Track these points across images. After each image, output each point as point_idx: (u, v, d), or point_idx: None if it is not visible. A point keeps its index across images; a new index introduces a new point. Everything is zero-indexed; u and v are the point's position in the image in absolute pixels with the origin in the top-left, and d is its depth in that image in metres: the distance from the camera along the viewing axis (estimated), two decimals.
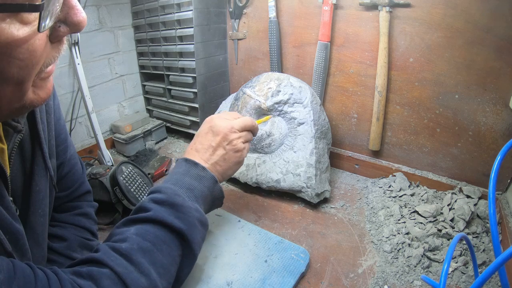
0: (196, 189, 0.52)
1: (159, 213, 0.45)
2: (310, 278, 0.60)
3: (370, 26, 0.83)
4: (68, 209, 0.57)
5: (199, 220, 0.49)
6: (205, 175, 0.55)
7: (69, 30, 0.31)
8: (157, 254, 0.42)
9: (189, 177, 0.53)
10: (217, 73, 1.15)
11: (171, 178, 0.53)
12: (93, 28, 1.08)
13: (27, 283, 0.32)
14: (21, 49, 0.27)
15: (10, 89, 0.29)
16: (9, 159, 0.40)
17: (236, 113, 0.65)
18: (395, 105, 0.86)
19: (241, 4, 1.04)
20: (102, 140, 1.00)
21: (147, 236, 0.43)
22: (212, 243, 0.65)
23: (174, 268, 0.45)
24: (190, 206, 0.48)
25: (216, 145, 0.58)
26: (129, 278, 0.38)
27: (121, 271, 0.38)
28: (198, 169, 0.55)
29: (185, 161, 0.56)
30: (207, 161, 0.58)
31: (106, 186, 0.77)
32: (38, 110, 0.44)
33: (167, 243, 0.44)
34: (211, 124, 0.60)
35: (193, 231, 0.47)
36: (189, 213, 0.47)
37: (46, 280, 0.34)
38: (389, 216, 0.75)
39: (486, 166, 0.78)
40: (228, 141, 0.59)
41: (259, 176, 0.84)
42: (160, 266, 0.42)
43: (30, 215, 0.43)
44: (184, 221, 0.46)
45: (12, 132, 0.40)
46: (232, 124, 0.60)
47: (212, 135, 0.59)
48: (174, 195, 0.48)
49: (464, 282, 0.59)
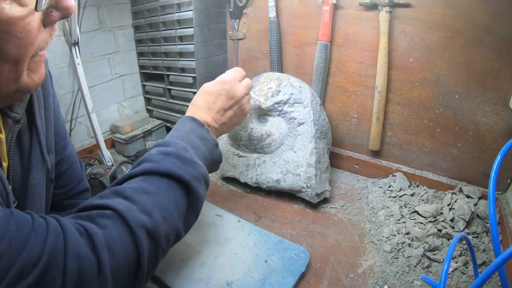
0: (199, 149, 0.52)
1: (166, 164, 0.44)
2: (310, 278, 0.60)
3: (370, 26, 0.82)
4: (67, 206, 0.58)
5: (204, 176, 0.48)
6: (208, 137, 0.54)
7: (60, 15, 0.35)
8: (161, 197, 0.41)
9: (194, 136, 0.53)
10: (217, 73, 1.14)
11: (177, 134, 0.52)
12: (93, 28, 1.08)
13: (24, 220, 0.32)
14: (19, 28, 0.30)
15: (7, 68, 0.32)
16: (8, 151, 0.41)
17: (240, 70, 0.66)
18: (395, 105, 0.86)
19: (241, 4, 1.04)
20: (102, 140, 1.00)
21: (153, 181, 0.42)
22: (212, 243, 0.65)
23: (177, 216, 0.43)
24: (197, 162, 0.48)
25: (228, 107, 0.60)
26: (130, 215, 0.37)
27: (122, 209, 0.37)
28: (203, 130, 0.54)
29: (191, 119, 0.55)
30: (217, 121, 0.59)
31: (106, 186, 0.77)
32: (36, 104, 0.45)
33: (174, 189, 0.43)
34: (226, 87, 0.60)
35: (198, 185, 0.46)
36: (196, 168, 0.47)
37: (43, 220, 0.34)
38: (389, 216, 0.75)
39: (486, 166, 0.78)
40: (240, 104, 0.62)
41: (259, 176, 0.84)
42: (164, 209, 0.41)
43: (27, 207, 0.44)
44: (191, 175, 0.45)
45: (11, 122, 0.41)
46: (244, 88, 0.63)
47: (226, 97, 0.60)
48: (183, 149, 0.47)
49: (464, 282, 0.58)
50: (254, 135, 0.85)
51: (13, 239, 0.30)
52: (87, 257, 0.33)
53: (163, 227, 0.40)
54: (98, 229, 0.35)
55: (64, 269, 0.31)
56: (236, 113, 0.62)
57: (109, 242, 0.35)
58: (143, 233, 0.37)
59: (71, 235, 0.33)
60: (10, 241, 0.29)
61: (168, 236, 0.41)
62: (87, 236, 0.34)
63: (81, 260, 0.32)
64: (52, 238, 0.32)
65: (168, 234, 0.41)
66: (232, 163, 0.90)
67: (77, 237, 0.34)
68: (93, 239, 0.34)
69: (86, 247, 0.33)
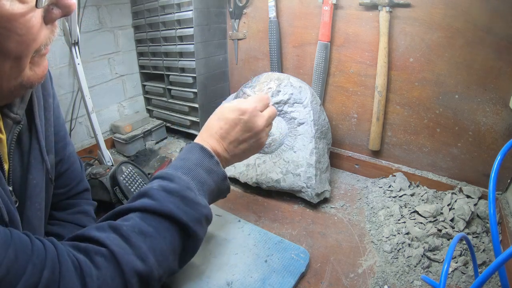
0: (206, 183, 0.50)
1: (166, 205, 0.43)
2: (310, 278, 0.60)
3: (370, 26, 0.82)
4: (67, 206, 0.58)
5: (206, 217, 0.47)
6: (216, 170, 0.52)
7: (60, 13, 0.35)
8: (158, 240, 0.41)
9: (202, 169, 0.50)
10: (217, 73, 1.15)
11: (183, 165, 0.49)
12: (93, 28, 1.08)
13: (23, 248, 0.32)
14: (19, 24, 0.30)
15: (9, 64, 0.32)
16: (9, 152, 0.41)
17: (265, 98, 0.60)
18: (395, 105, 0.86)
19: (241, 4, 1.04)
20: (102, 140, 1.00)
21: (151, 222, 0.42)
22: (212, 243, 0.65)
23: (172, 258, 0.43)
24: (200, 203, 0.46)
25: (243, 140, 0.56)
26: (124, 259, 0.37)
27: (117, 251, 0.37)
28: (212, 162, 0.51)
29: (200, 149, 0.52)
30: (229, 152, 0.55)
31: (106, 186, 0.77)
32: (36, 105, 0.45)
33: (171, 232, 0.43)
34: (244, 118, 0.55)
35: (198, 228, 0.45)
36: (198, 210, 0.45)
37: (42, 247, 0.34)
38: (389, 216, 0.75)
39: (486, 166, 0.78)
40: (257, 138, 0.57)
41: (259, 176, 0.84)
42: (159, 254, 0.41)
43: (27, 207, 0.44)
44: (192, 218, 0.44)
45: (11, 123, 0.41)
46: (265, 120, 0.58)
47: (243, 129, 0.55)
48: (186, 188, 0.46)
49: (464, 282, 0.58)
50: None
51: (11, 268, 0.30)
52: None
53: (157, 271, 0.40)
54: (93, 269, 0.36)
55: None
56: (251, 146, 0.57)
57: (101, 285, 0.35)
58: (135, 278, 0.38)
59: (67, 271, 0.34)
60: (8, 270, 0.29)
61: (160, 278, 0.42)
62: (81, 275, 0.35)
63: None
64: (48, 272, 0.32)
65: (161, 276, 0.42)
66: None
67: (72, 274, 0.34)
68: (86, 280, 0.35)
69: (78, 286, 0.34)
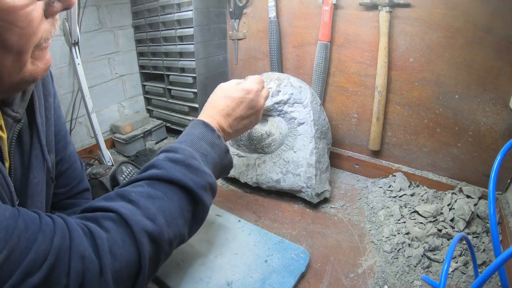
0: (209, 156, 0.52)
1: (173, 172, 0.44)
2: (310, 278, 0.60)
3: (370, 26, 0.82)
4: (67, 206, 0.58)
5: (211, 185, 0.49)
6: (219, 144, 0.54)
7: (61, 6, 0.35)
8: (167, 202, 0.42)
9: (205, 142, 0.52)
10: (217, 73, 1.15)
11: (187, 139, 0.51)
12: (93, 28, 1.08)
13: (32, 219, 0.32)
14: (20, 17, 0.30)
15: (10, 58, 0.32)
16: (9, 150, 0.41)
17: (262, 80, 0.66)
18: (395, 105, 0.86)
19: (241, 4, 1.04)
20: (102, 140, 1.00)
21: (159, 187, 0.43)
22: (212, 243, 0.65)
23: (182, 221, 0.44)
24: (205, 171, 0.48)
25: (246, 116, 0.61)
26: (133, 219, 0.38)
27: (125, 213, 0.38)
28: (214, 136, 0.54)
29: (203, 124, 0.54)
30: (232, 127, 0.59)
31: (106, 186, 0.77)
32: (37, 104, 0.45)
33: (179, 196, 0.44)
34: (250, 96, 0.61)
35: (204, 194, 0.46)
36: (202, 177, 0.47)
37: (50, 220, 0.34)
38: (389, 216, 0.75)
39: (486, 166, 0.78)
40: (257, 115, 0.64)
41: (259, 176, 0.84)
42: (168, 214, 0.41)
43: (27, 206, 0.44)
44: (198, 184, 0.45)
45: (12, 122, 0.41)
46: (264, 99, 0.65)
47: (247, 107, 0.61)
48: (191, 157, 0.47)
49: (464, 282, 0.58)
50: (254, 135, 0.85)
51: (22, 238, 0.30)
52: (91, 259, 0.34)
53: (167, 232, 0.40)
54: (102, 232, 0.36)
55: (69, 268, 0.32)
56: (251, 121, 0.63)
57: (112, 246, 0.36)
58: (145, 237, 0.38)
59: (77, 235, 0.34)
60: (19, 239, 0.30)
61: (171, 241, 0.42)
62: (91, 238, 0.35)
63: (85, 261, 0.33)
64: (58, 238, 0.33)
65: (171, 239, 0.42)
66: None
67: (82, 238, 0.34)
68: (97, 242, 0.35)
69: (90, 249, 0.34)
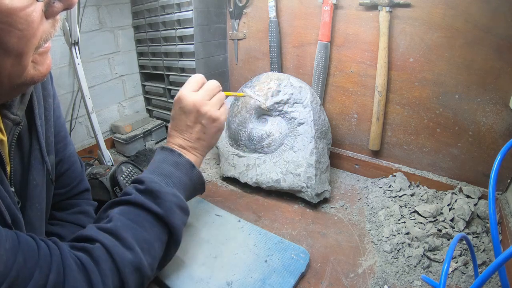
0: (173, 176, 0.52)
1: (139, 198, 0.47)
2: (310, 278, 0.60)
3: (370, 26, 0.82)
4: (67, 207, 0.58)
5: (177, 205, 0.50)
6: (181, 161, 0.54)
7: (62, 6, 0.35)
8: (139, 230, 0.45)
9: (167, 164, 0.53)
10: (217, 73, 1.15)
11: (150, 167, 0.54)
12: (93, 28, 1.08)
13: (31, 252, 0.34)
14: (20, 19, 0.30)
15: (10, 61, 0.32)
16: (9, 153, 0.41)
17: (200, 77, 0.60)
18: (395, 105, 0.86)
19: (241, 4, 1.04)
20: (102, 140, 1.00)
21: (129, 215, 0.46)
22: (212, 243, 0.65)
23: (158, 245, 0.46)
24: (166, 192, 0.49)
25: (192, 123, 0.57)
26: (115, 252, 0.41)
27: (108, 244, 0.41)
28: (175, 155, 0.54)
29: (161, 149, 0.56)
30: (190, 140, 0.57)
31: (106, 186, 0.77)
32: (36, 106, 0.45)
33: (149, 221, 0.46)
34: (180, 105, 0.57)
35: (171, 215, 0.48)
36: (165, 198, 0.48)
37: (47, 250, 0.36)
38: (389, 216, 0.75)
39: (486, 166, 0.78)
40: (202, 114, 0.56)
41: (259, 176, 0.84)
42: (143, 241, 0.44)
43: (27, 208, 0.44)
44: (162, 206, 0.47)
45: (11, 125, 0.41)
46: (199, 97, 0.57)
47: (185, 115, 0.57)
48: (151, 182, 0.49)
49: (464, 282, 0.58)
50: (254, 135, 0.85)
51: (20, 273, 0.32)
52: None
53: (145, 259, 0.44)
54: (94, 266, 0.39)
55: None
56: (205, 124, 0.57)
57: (104, 279, 0.38)
58: (127, 267, 0.41)
59: (71, 272, 0.36)
60: (18, 274, 0.31)
61: (152, 267, 0.45)
62: (85, 273, 0.38)
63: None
64: (54, 275, 0.35)
65: (152, 265, 0.45)
66: (232, 163, 0.90)
67: (76, 274, 0.37)
68: (91, 277, 0.38)
69: (83, 284, 0.37)
